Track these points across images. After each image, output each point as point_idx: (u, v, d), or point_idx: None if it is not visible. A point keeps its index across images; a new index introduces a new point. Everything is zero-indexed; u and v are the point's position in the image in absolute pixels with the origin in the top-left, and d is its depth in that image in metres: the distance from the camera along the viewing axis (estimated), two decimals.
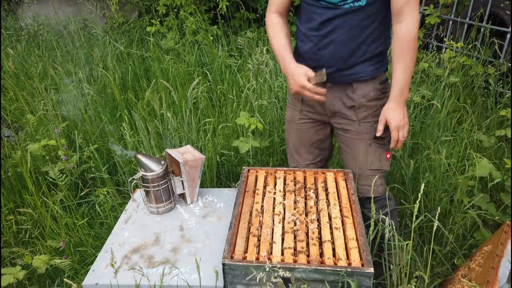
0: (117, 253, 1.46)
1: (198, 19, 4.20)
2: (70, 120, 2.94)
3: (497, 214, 1.98)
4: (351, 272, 1.20)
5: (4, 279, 1.70)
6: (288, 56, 1.54)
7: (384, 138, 1.60)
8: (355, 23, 1.44)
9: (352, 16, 1.43)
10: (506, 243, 1.47)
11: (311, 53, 1.55)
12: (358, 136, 1.63)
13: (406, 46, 1.41)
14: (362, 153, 1.63)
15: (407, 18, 1.38)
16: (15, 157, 2.47)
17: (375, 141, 1.61)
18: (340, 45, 1.48)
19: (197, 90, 2.57)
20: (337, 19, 1.45)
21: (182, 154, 1.67)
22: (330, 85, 1.57)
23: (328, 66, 1.51)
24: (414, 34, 1.39)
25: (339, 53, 1.50)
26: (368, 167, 1.63)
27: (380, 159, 1.63)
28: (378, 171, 1.64)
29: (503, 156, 2.38)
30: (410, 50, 1.41)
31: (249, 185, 1.64)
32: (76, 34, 4.65)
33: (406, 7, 1.37)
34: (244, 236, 1.37)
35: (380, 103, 1.59)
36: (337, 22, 1.46)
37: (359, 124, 1.61)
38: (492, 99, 2.88)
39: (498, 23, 3.32)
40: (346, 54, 1.49)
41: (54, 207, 2.08)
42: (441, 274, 1.90)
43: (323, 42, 1.51)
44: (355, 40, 1.47)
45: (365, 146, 1.62)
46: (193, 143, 2.45)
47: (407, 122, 1.51)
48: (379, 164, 1.63)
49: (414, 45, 1.41)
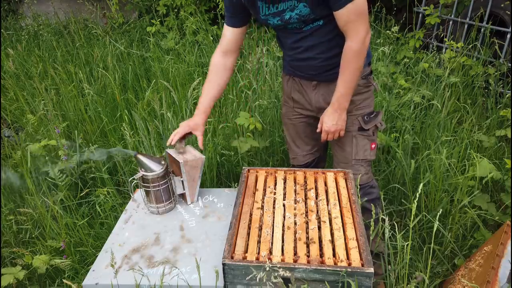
0: (117, 253, 1.46)
1: (198, 19, 4.21)
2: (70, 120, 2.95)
3: (497, 214, 1.98)
4: (351, 272, 1.20)
5: (4, 279, 1.71)
6: (201, 106, 1.72)
7: (368, 129, 1.70)
8: (321, 39, 1.56)
9: (316, 34, 1.55)
10: (506, 243, 1.47)
11: (292, 64, 1.71)
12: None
13: (347, 60, 1.50)
14: (348, 144, 1.73)
15: (350, 35, 1.46)
16: (15, 157, 2.48)
17: (359, 133, 1.71)
18: (314, 59, 1.61)
19: (197, 91, 2.57)
20: (304, 38, 1.57)
21: (182, 154, 1.68)
22: (316, 83, 1.70)
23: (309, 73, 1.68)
24: (355, 50, 1.47)
25: (315, 65, 1.63)
26: (353, 157, 1.74)
27: (365, 149, 1.73)
28: (363, 161, 1.74)
29: (503, 156, 2.38)
30: (351, 63, 1.50)
31: (249, 185, 1.64)
32: (76, 34, 4.65)
33: (347, 27, 1.45)
34: (244, 236, 1.37)
35: (363, 97, 1.70)
36: (305, 41, 1.58)
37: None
38: (492, 99, 2.88)
39: (498, 23, 3.32)
40: (322, 63, 1.61)
41: (54, 207, 2.08)
42: (441, 274, 1.90)
43: (298, 57, 1.65)
44: (327, 51, 1.58)
45: (351, 137, 1.72)
46: (193, 143, 2.45)
47: (340, 128, 1.64)
48: (363, 154, 1.73)
49: (355, 60, 1.49)
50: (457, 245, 1.93)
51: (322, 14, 1.47)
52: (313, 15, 1.47)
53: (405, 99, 2.73)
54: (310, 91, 1.73)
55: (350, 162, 1.74)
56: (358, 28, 1.44)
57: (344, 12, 1.41)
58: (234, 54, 1.73)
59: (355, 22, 1.43)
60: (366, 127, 1.69)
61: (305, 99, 1.76)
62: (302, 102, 1.79)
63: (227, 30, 1.67)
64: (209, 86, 1.72)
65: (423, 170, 2.25)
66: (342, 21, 1.44)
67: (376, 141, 1.77)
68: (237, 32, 1.66)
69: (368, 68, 1.68)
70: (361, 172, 1.73)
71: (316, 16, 1.48)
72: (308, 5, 1.44)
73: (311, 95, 1.73)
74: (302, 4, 1.45)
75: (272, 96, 2.76)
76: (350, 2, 1.39)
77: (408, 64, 3.46)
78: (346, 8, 1.40)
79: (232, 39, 1.67)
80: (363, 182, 1.74)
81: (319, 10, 1.46)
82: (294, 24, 1.53)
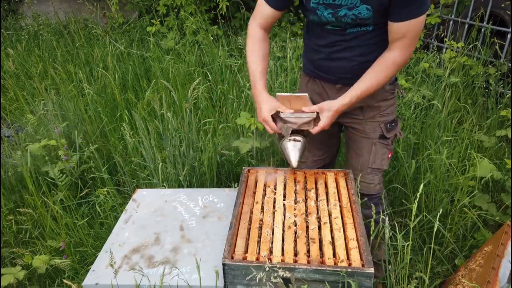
0: (117, 253, 1.46)
1: (199, 19, 4.20)
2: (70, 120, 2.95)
3: (498, 215, 1.98)
4: (352, 272, 1.20)
5: (4, 279, 1.70)
6: (260, 84, 1.54)
7: (388, 138, 1.64)
8: (363, 42, 1.47)
9: (359, 38, 1.47)
10: (507, 243, 1.47)
11: (320, 63, 1.60)
12: (364, 135, 1.66)
13: (383, 69, 1.43)
14: (366, 151, 1.66)
15: (399, 48, 1.40)
16: (15, 157, 2.47)
17: (379, 141, 1.64)
18: (349, 60, 1.52)
19: (197, 90, 2.57)
20: (345, 42, 1.48)
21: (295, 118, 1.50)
22: (340, 86, 1.60)
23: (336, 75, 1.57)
24: (397, 63, 1.42)
25: (347, 68, 1.54)
26: (370, 165, 1.67)
27: (382, 158, 1.67)
28: (378, 170, 1.68)
29: (504, 156, 2.37)
30: (384, 73, 1.43)
31: (250, 185, 1.64)
32: (76, 34, 4.64)
33: (400, 41, 1.39)
34: (244, 236, 1.37)
35: (388, 104, 1.63)
36: (344, 44, 1.49)
37: (366, 123, 1.65)
38: (493, 99, 2.88)
39: (498, 23, 3.32)
40: (355, 67, 1.52)
41: (54, 207, 2.08)
42: (441, 274, 1.90)
43: (331, 57, 1.54)
44: (364, 55, 1.50)
45: (370, 145, 1.65)
46: (193, 143, 2.45)
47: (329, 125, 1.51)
48: (380, 163, 1.67)
49: (390, 72, 1.43)
50: (457, 245, 1.93)
51: (377, 20, 1.40)
52: (370, 21, 1.40)
53: (405, 99, 2.73)
54: (333, 94, 1.62)
55: (366, 170, 1.67)
56: (410, 44, 1.39)
57: (404, 26, 1.34)
58: (268, 29, 1.62)
59: (410, 39, 1.37)
60: (388, 135, 1.63)
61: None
62: None
63: (264, 6, 1.53)
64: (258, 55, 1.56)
65: (423, 170, 2.24)
66: (399, 33, 1.37)
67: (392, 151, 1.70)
68: (274, 13, 1.55)
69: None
70: (375, 182, 1.69)
71: (371, 21, 1.40)
72: (372, 10, 1.35)
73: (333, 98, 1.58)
74: (365, 6, 1.35)
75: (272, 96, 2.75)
76: (414, 17, 1.32)
77: (409, 64, 3.46)
78: (409, 22, 1.33)
79: (269, 17, 1.56)
80: (375, 192, 1.70)
81: (379, 16, 1.38)
82: (342, 24, 1.44)
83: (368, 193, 1.71)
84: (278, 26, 4.33)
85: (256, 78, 1.55)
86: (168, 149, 2.35)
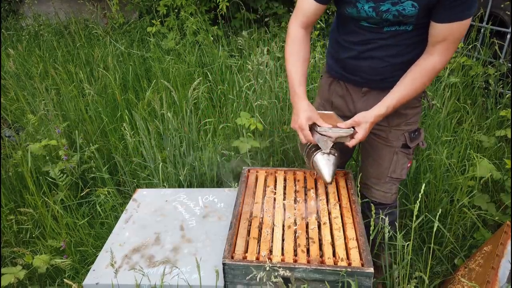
0: (117, 253, 1.47)
1: (199, 19, 4.21)
2: (71, 120, 2.95)
3: (497, 215, 1.98)
4: (351, 272, 1.20)
5: (4, 279, 1.71)
6: (299, 89, 1.45)
7: (410, 148, 1.57)
8: (399, 43, 1.39)
9: (396, 37, 1.38)
10: (506, 243, 1.47)
11: (348, 62, 1.50)
12: (386, 143, 1.59)
13: (422, 75, 1.34)
14: (386, 159, 1.59)
15: (439, 52, 1.32)
16: (16, 157, 2.48)
17: (402, 150, 1.57)
18: (381, 61, 1.43)
19: (197, 91, 2.57)
20: (380, 40, 1.40)
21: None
22: (366, 90, 1.52)
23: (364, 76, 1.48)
24: (437, 68, 1.33)
25: (378, 68, 1.45)
26: (389, 174, 1.61)
27: (402, 168, 1.60)
28: (397, 180, 1.63)
29: (503, 156, 2.38)
30: (423, 79, 1.35)
31: (250, 185, 1.64)
32: (77, 34, 4.65)
33: (441, 44, 1.30)
34: (244, 236, 1.37)
35: (415, 112, 1.55)
36: (380, 42, 1.40)
37: (390, 130, 1.57)
38: (492, 99, 2.88)
39: (498, 24, 3.32)
40: (386, 69, 1.44)
41: (55, 207, 2.08)
42: (441, 274, 1.90)
43: (363, 55, 1.45)
44: (398, 56, 1.41)
45: (392, 153, 1.58)
46: (194, 143, 2.45)
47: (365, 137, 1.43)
48: (400, 173, 1.61)
49: (429, 78, 1.35)
50: (457, 245, 1.93)
51: (420, 20, 1.31)
52: (413, 19, 1.31)
53: None
54: (358, 98, 1.54)
55: (384, 179, 1.61)
56: (450, 49, 1.31)
57: (447, 28, 1.27)
58: (310, 28, 1.52)
59: (451, 43, 1.29)
60: (411, 144, 1.56)
61: (348, 105, 1.58)
62: (342, 109, 1.60)
63: (307, 3, 1.44)
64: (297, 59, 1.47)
65: (423, 170, 2.25)
66: (440, 35, 1.29)
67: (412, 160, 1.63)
68: (319, 7, 1.44)
69: None
70: (392, 192, 1.63)
71: (413, 20, 1.31)
72: (418, 6, 1.27)
73: (358, 102, 1.54)
74: (411, 2, 1.27)
75: (272, 96, 2.76)
76: (460, 20, 1.25)
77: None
78: (450, 25, 1.26)
79: (312, 13, 1.45)
80: (391, 202, 1.66)
81: (422, 15, 1.30)
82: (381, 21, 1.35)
83: (385, 202, 1.65)
84: (278, 26, 4.33)
85: (295, 83, 1.46)
86: (169, 149, 2.36)
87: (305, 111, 1.42)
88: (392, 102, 1.37)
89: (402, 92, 1.37)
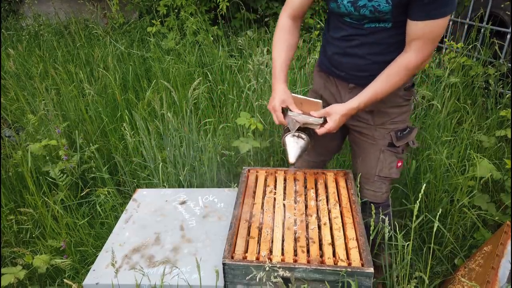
0: (117, 252, 1.47)
1: (199, 19, 4.21)
2: (71, 120, 2.95)
3: (497, 215, 1.98)
4: (351, 272, 1.20)
5: (4, 279, 1.71)
6: (279, 74, 1.53)
7: (398, 146, 1.58)
8: (379, 41, 1.42)
9: (377, 34, 1.41)
10: (506, 243, 1.47)
11: (334, 58, 1.55)
12: (372, 141, 1.60)
13: (396, 72, 1.37)
14: (373, 158, 1.61)
15: (415, 49, 1.34)
16: (16, 157, 2.48)
17: (388, 148, 1.58)
18: (363, 58, 1.47)
19: (197, 91, 2.57)
20: (361, 36, 1.44)
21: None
22: (353, 86, 1.55)
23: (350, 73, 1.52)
24: (412, 65, 1.35)
25: (362, 66, 1.48)
26: (377, 173, 1.62)
27: (390, 166, 1.61)
28: (386, 179, 1.63)
29: (503, 156, 2.38)
30: (398, 77, 1.37)
31: (250, 185, 1.64)
32: (77, 35, 4.65)
33: (416, 42, 1.33)
34: (244, 236, 1.37)
35: (401, 110, 1.56)
36: (361, 39, 1.44)
37: (375, 129, 1.58)
38: (492, 99, 2.88)
39: (498, 24, 3.32)
40: (371, 67, 1.46)
41: (55, 207, 2.08)
42: (441, 274, 1.90)
43: (347, 52, 1.49)
44: (379, 55, 1.44)
45: (378, 152, 1.59)
46: (194, 143, 2.45)
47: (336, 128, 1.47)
48: (388, 172, 1.61)
49: (404, 75, 1.37)
50: (457, 245, 1.93)
51: (397, 17, 1.34)
52: (389, 15, 1.34)
53: None
54: (345, 93, 1.58)
55: (372, 178, 1.63)
56: (426, 47, 1.33)
57: (422, 26, 1.29)
58: (299, 20, 1.60)
59: (427, 41, 1.31)
60: (398, 144, 1.56)
61: (336, 100, 1.61)
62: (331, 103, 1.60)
63: None
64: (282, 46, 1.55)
65: (423, 170, 2.25)
66: (415, 34, 1.31)
67: (404, 159, 1.64)
68: (305, 1, 1.53)
69: (411, 80, 1.55)
70: (382, 191, 1.64)
71: (390, 17, 1.35)
72: (391, 3, 1.30)
73: (345, 98, 1.56)
74: None
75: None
76: (431, 19, 1.27)
77: None
78: (426, 23, 1.28)
79: (298, 6, 1.54)
80: (382, 201, 1.66)
81: (398, 12, 1.32)
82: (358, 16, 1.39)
83: (375, 201, 1.65)
84: None
85: (277, 68, 1.53)
86: (169, 149, 2.36)
87: (281, 95, 1.50)
88: (366, 96, 1.41)
89: (376, 88, 1.40)
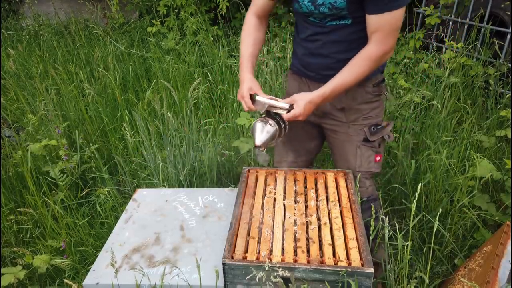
0: (117, 252, 1.47)
1: (199, 19, 4.21)
2: (71, 120, 2.95)
3: (497, 215, 1.98)
4: (351, 272, 1.20)
5: (4, 279, 1.71)
6: (246, 65, 1.59)
7: (373, 141, 1.62)
8: (342, 38, 1.48)
9: (338, 32, 1.47)
10: (506, 243, 1.47)
11: (303, 59, 1.62)
12: (347, 138, 1.65)
13: (359, 64, 1.41)
14: (351, 155, 1.65)
15: (376, 42, 1.38)
16: (16, 157, 2.48)
17: (363, 144, 1.63)
18: (329, 58, 1.53)
19: (197, 91, 2.57)
20: (324, 34, 1.50)
21: None
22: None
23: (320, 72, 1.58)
24: (373, 57, 1.39)
25: (329, 64, 1.53)
26: (357, 169, 1.65)
27: (369, 161, 1.65)
28: (367, 173, 1.67)
29: (503, 156, 2.38)
30: (361, 68, 1.41)
31: (250, 185, 1.64)
32: (77, 35, 4.65)
33: (376, 34, 1.37)
34: (244, 236, 1.37)
35: (372, 106, 1.61)
36: (324, 36, 1.50)
37: (349, 126, 1.63)
38: (492, 99, 2.88)
39: (498, 24, 3.32)
40: (334, 64, 1.50)
41: (55, 207, 2.08)
42: (441, 274, 1.90)
43: (313, 52, 1.56)
44: (343, 53, 1.49)
45: (354, 148, 1.64)
46: (194, 143, 2.46)
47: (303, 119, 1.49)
48: (367, 166, 1.65)
49: (367, 67, 1.41)
50: (457, 245, 1.93)
51: (354, 13, 1.39)
52: (345, 11, 1.39)
53: (405, 100, 2.73)
54: None
55: (354, 174, 1.67)
56: (387, 39, 1.37)
57: (378, 19, 1.34)
58: (264, 19, 1.68)
59: (386, 33, 1.36)
60: (372, 138, 1.61)
61: None
62: None
63: None
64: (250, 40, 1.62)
65: (423, 170, 2.25)
66: (373, 27, 1.36)
67: (382, 153, 1.68)
68: (268, 3, 1.61)
69: (380, 76, 1.59)
70: (366, 185, 1.67)
71: (347, 13, 1.40)
72: None
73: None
74: None
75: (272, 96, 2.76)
76: (388, 11, 1.31)
77: (408, 65, 3.46)
78: (382, 16, 1.32)
79: (261, 7, 1.62)
80: (368, 195, 1.68)
81: (354, 8, 1.37)
82: (319, 15, 1.45)
83: (361, 197, 1.68)
84: (278, 26, 4.33)
85: (244, 59, 1.60)
86: (169, 149, 2.36)
87: (247, 82, 1.55)
88: (330, 86, 1.44)
89: (339, 79, 1.43)
